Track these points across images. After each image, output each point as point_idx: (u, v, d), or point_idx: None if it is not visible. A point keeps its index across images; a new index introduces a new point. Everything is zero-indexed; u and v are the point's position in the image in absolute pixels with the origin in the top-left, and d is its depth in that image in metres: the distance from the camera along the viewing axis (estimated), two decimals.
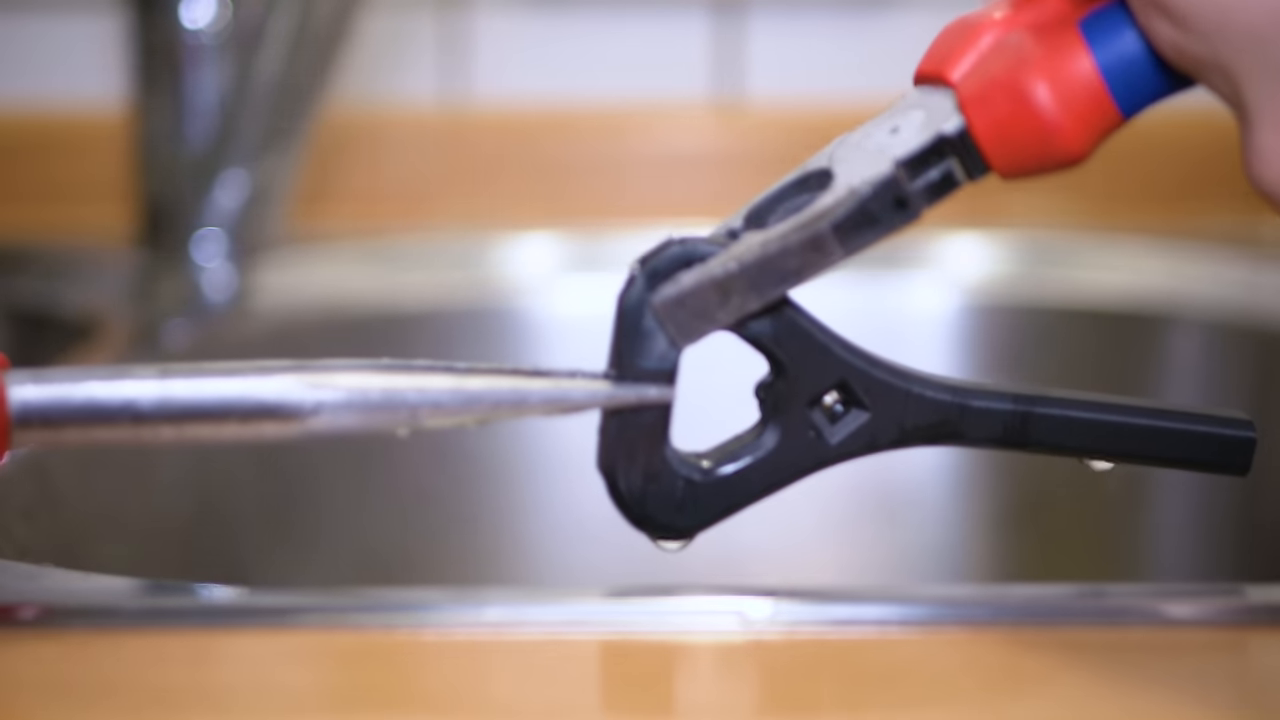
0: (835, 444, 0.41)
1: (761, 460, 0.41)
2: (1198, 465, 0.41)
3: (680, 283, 0.39)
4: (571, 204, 0.92)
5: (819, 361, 0.40)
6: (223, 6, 0.77)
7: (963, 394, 0.41)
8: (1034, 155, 0.38)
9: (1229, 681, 0.39)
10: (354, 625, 0.40)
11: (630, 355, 0.40)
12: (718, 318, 0.39)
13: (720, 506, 0.41)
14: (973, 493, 0.79)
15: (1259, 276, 0.79)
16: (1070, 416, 0.41)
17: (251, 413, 0.38)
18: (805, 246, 0.38)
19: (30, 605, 0.41)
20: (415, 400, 0.39)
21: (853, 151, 0.40)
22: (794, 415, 0.41)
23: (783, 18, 0.95)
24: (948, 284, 0.82)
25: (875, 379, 0.41)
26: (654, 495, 0.41)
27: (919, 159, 0.38)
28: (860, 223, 0.38)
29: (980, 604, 0.41)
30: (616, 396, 0.40)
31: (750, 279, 0.39)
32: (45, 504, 0.59)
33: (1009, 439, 0.41)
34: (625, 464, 0.41)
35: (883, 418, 0.41)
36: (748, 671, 0.39)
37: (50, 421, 0.38)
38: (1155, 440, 0.41)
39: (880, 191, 0.38)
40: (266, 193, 0.79)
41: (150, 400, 0.38)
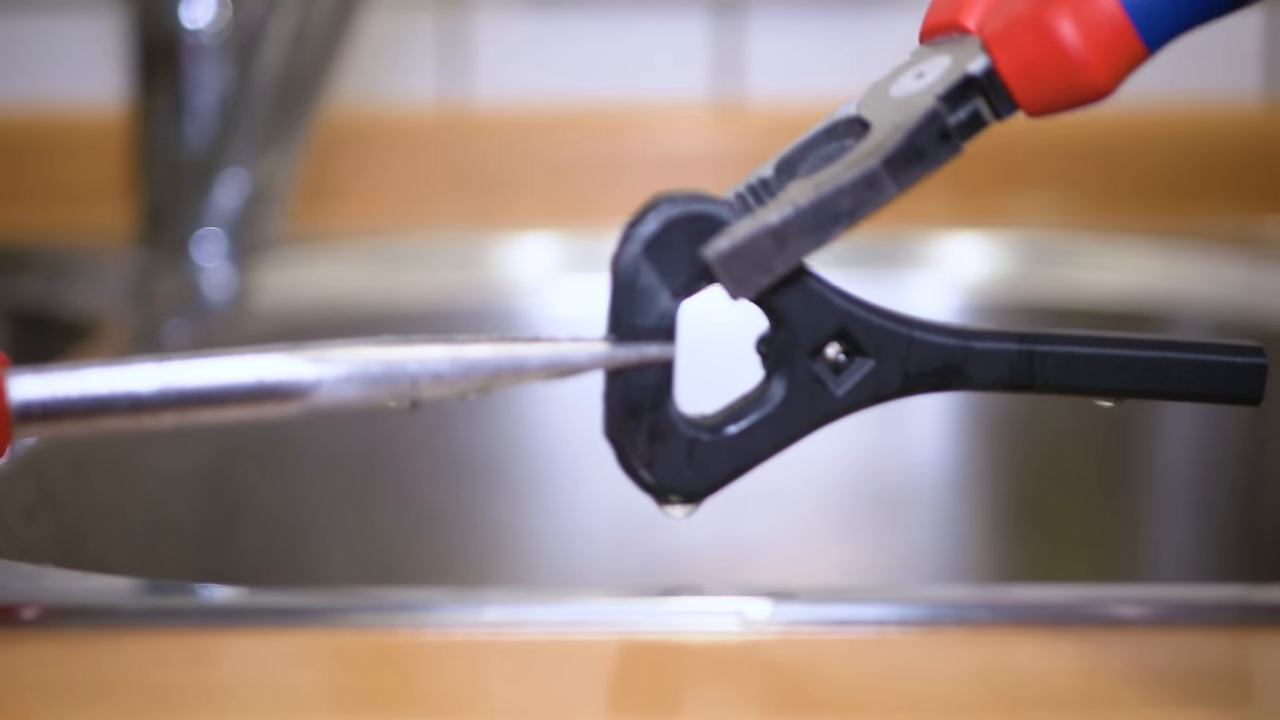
0: (841, 395, 0.40)
1: (768, 416, 0.41)
2: (1209, 396, 0.41)
3: (735, 235, 0.39)
4: (571, 204, 0.92)
5: (817, 310, 0.40)
6: (223, 6, 0.77)
7: (966, 336, 0.41)
8: (1061, 92, 0.38)
9: (1229, 681, 0.39)
10: (354, 625, 0.40)
11: (628, 315, 0.40)
12: (774, 266, 0.39)
13: (729, 467, 0.41)
14: (973, 493, 0.79)
15: (1259, 276, 0.79)
16: (1077, 353, 0.40)
17: (253, 393, 0.38)
18: (859, 185, 0.38)
19: (30, 605, 0.41)
20: (416, 371, 0.39)
21: (881, 98, 0.40)
22: (797, 368, 0.40)
23: (782, 18, 0.95)
24: (948, 284, 0.82)
25: (876, 325, 0.40)
26: (661, 457, 0.40)
27: (955, 94, 0.39)
28: (910, 157, 0.38)
29: (980, 604, 0.41)
30: (616, 356, 0.40)
31: (806, 223, 0.38)
32: (45, 504, 0.59)
33: (1016, 380, 0.40)
34: (631, 428, 0.40)
35: (887, 365, 0.40)
36: (748, 671, 0.39)
37: (51, 414, 0.38)
38: (1164, 372, 0.40)
39: (925, 125, 0.38)
40: (266, 193, 0.79)
41: (150, 388, 0.38)
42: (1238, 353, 0.41)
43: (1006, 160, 0.92)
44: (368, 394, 0.39)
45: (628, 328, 0.40)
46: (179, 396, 0.38)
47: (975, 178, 0.92)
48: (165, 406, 0.38)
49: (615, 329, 0.40)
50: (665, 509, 0.42)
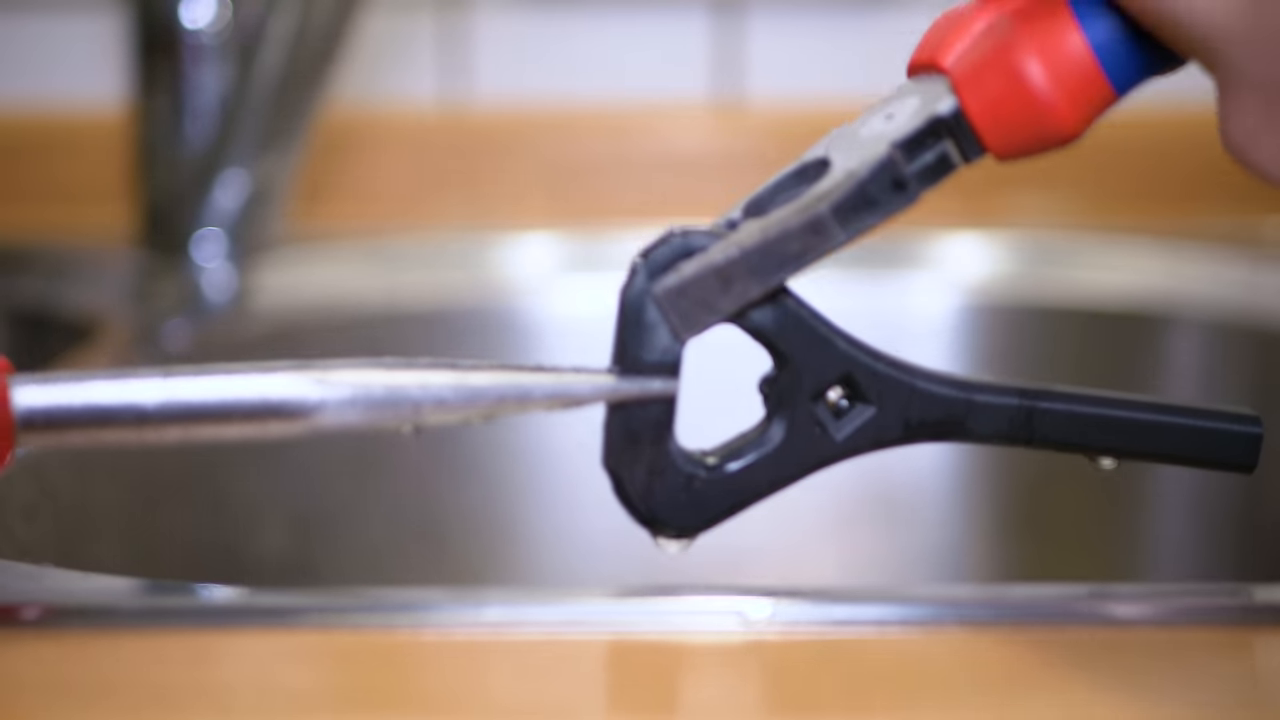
0: (841, 440, 0.41)
1: (767, 456, 0.41)
2: (1204, 462, 0.41)
3: (682, 272, 0.39)
4: (571, 204, 0.92)
5: (822, 354, 0.40)
6: (223, 6, 0.77)
7: (968, 389, 0.41)
8: (1028, 134, 0.38)
9: (1230, 681, 0.39)
10: (354, 625, 0.40)
11: (633, 349, 0.40)
12: (720, 306, 0.39)
13: (726, 504, 0.41)
14: (973, 493, 0.79)
15: (1259, 276, 0.79)
16: (1076, 412, 0.41)
17: (256, 411, 0.38)
18: (805, 230, 0.38)
19: (30, 605, 0.41)
20: (419, 396, 0.39)
21: (849, 140, 0.40)
22: (799, 411, 0.41)
23: (783, 18, 0.95)
24: (948, 284, 0.82)
25: (879, 373, 0.40)
26: (659, 492, 0.40)
27: (914, 141, 0.38)
28: (859, 205, 0.38)
29: (980, 604, 0.41)
30: (619, 390, 0.40)
31: (751, 265, 0.39)
32: (45, 504, 0.59)
33: (1014, 435, 0.41)
34: (629, 460, 0.40)
35: (888, 413, 0.40)
36: (748, 671, 0.39)
37: (54, 424, 0.38)
38: (1161, 436, 0.41)
39: (878, 173, 0.38)
40: (266, 193, 0.79)
41: (155, 401, 0.38)
42: (1235, 420, 0.41)
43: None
44: (371, 418, 0.39)
45: (632, 361, 0.40)
46: (183, 412, 0.38)
47: (975, 178, 0.92)
48: (169, 421, 0.38)
49: (619, 362, 0.40)
50: (660, 543, 0.42)
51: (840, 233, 0.38)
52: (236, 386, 0.38)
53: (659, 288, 0.39)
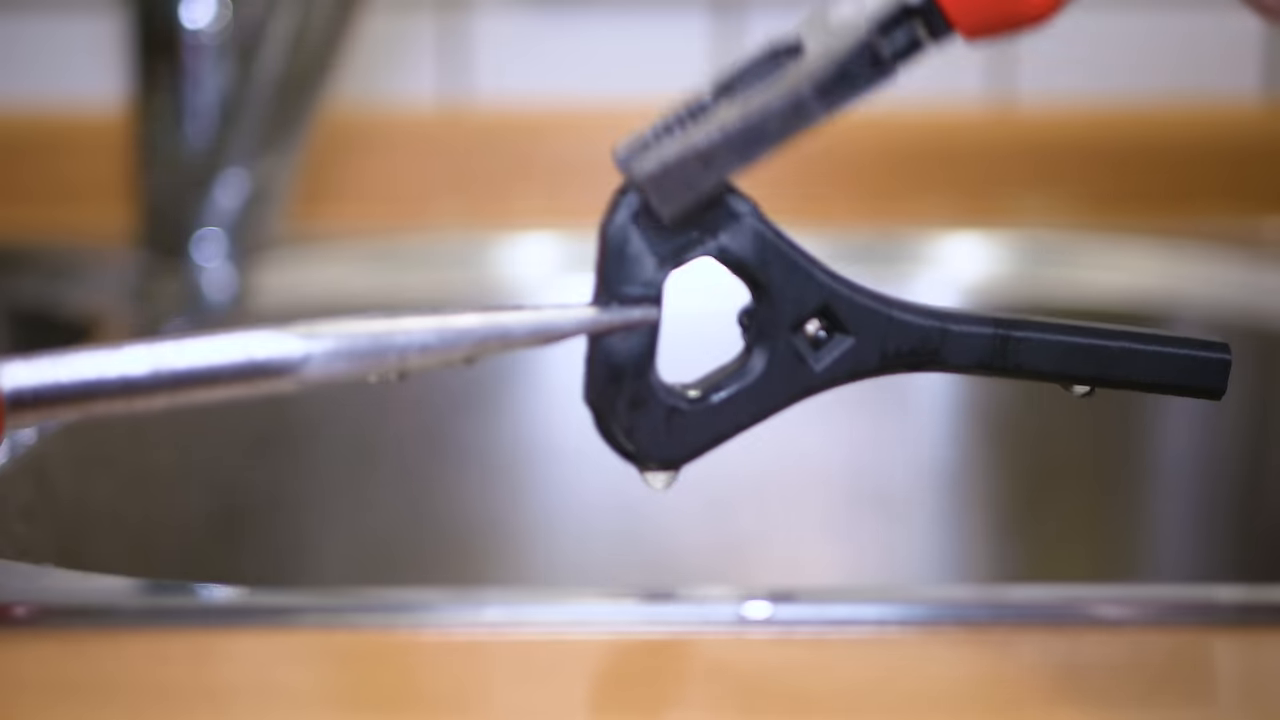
0: (820, 370, 0.41)
1: (748, 388, 0.41)
2: (1175, 388, 0.42)
3: (662, 155, 0.40)
4: (572, 204, 0.92)
5: (801, 285, 0.40)
6: (223, 6, 0.77)
7: (944, 318, 0.41)
8: (996, 13, 0.38)
9: (1229, 681, 0.39)
10: (354, 625, 0.40)
11: (615, 281, 0.40)
12: (701, 186, 0.39)
13: (708, 436, 0.41)
14: (973, 493, 0.79)
15: (1259, 276, 0.79)
16: (1050, 340, 0.41)
17: (243, 370, 0.38)
18: (787, 108, 0.39)
19: (30, 605, 0.41)
20: (403, 342, 0.39)
21: (820, 25, 0.40)
22: (778, 342, 0.41)
23: (783, 18, 0.95)
24: (948, 284, 0.82)
25: (857, 303, 0.41)
26: (640, 424, 0.41)
27: (889, 20, 0.39)
28: (839, 81, 0.39)
29: (980, 604, 0.41)
30: (601, 320, 0.40)
31: (733, 145, 0.39)
32: (45, 504, 0.59)
33: (989, 363, 0.41)
34: (611, 393, 0.40)
35: (865, 342, 0.41)
36: (747, 671, 0.39)
37: (44, 401, 0.38)
38: (1134, 363, 0.41)
39: (856, 50, 0.39)
40: (266, 193, 0.79)
41: (142, 370, 0.38)
42: (1204, 348, 0.42)
43: (1007, 160, 0.92)
44: (356, 367, 0.39)
45: (614, 294, 0.40)
46: (170, 377, 0.38)
47: (975, 178, 0.92)
48: (157, 388, 0.38)
49: (601, 295, 0.40)
50: (645, 476, 0.42)
51: (820, 109, 0.39)
52: (221, 348, 0.38)
53: (640, 171, 0.39)
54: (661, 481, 0.42)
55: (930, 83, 0.94)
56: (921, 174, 0.92)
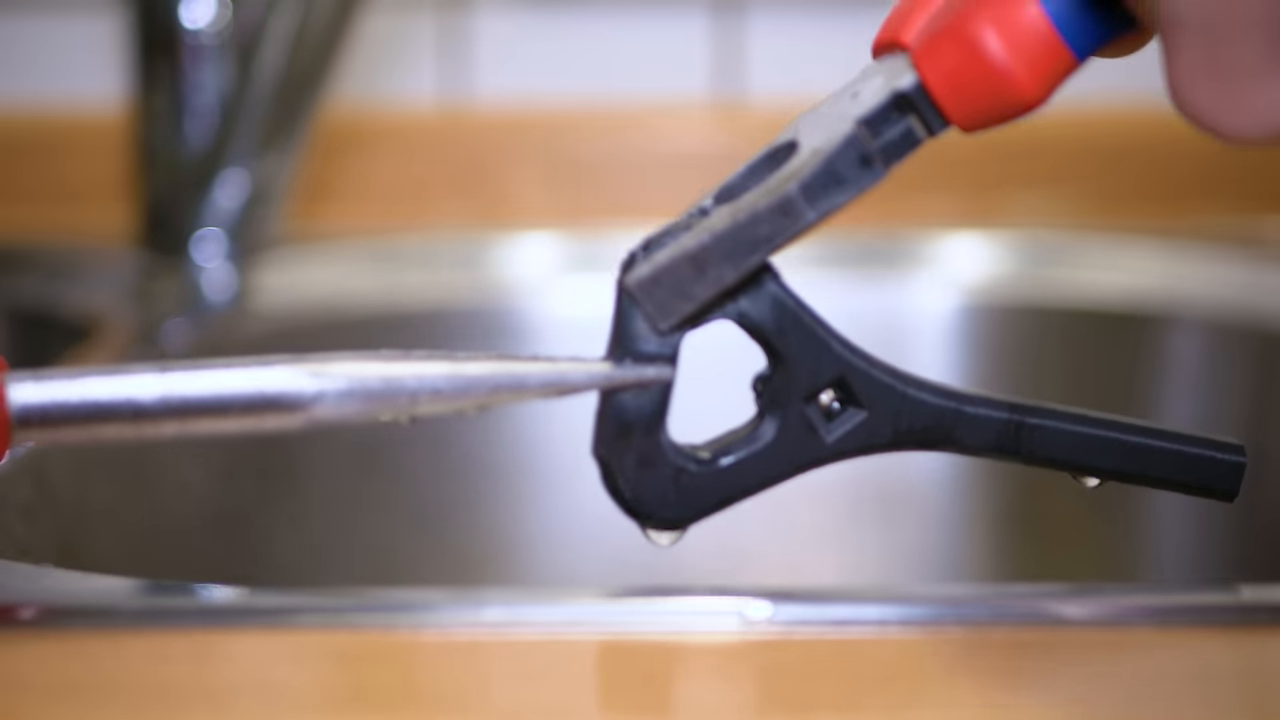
0: (831, 442, 0.41)
1: (757, 454, 0.41)
2: (1187, 488, 0.41)
3: (654, 261, 0.39)
4: (572, 204, 0.92)
5: (818, 356, 0.40)
6: (223, 6, 0.77)
7: (959, 400, 0.41)
8: (989, 104, 0.38)
9: (1229, 681, 0.39)
10: (354, 625, 0.40)
11: (629, 338, 0.40)
12: (695, 293, 0.39)
13: (714, 499, 0.41)
14: (972, 493, 0.79)
15: (1259, 276, 0.79)
16: (1063, 429, 0.41)
17: (254, 404, 0.38)
18: (775, 211, 0.38)
19: (30, 605, 0.41)
20: (415, 387, 0.39)
21: (816, 121, 0.40)
22: (791, 410, 0.41)
23: (783, 18, 0.95)
24: (948, 284, 0.82)
25: (873, 378, 0.40)
26: (648, 483, 0.40)
27: (878, 117, 0.38)
28: (827, 183, 0.38)
29: (980, 604, 0.41)
30: (614, 377, 0.40)
31: (723, 249, 0.39)
32: (45, 504, 0.59)
33: (1002, 448, 0.41)
34: (620, 450, 0.40)
35: (878, 418, 0.40)
36: (748, 671, 0.39)
37: (51, 420, 0.38)
38: (1147, 460, 0.41)
39: (844, 150, 0.38)
40: (266, 193, 0.79)
41: (151, 396, 0.38)
42: (1220, 449, 0.41)
43: (1006, 160, 0.92)
44: (367, 409, 0.39)
45: (629, 351, 0.40)
46: (180, 406, 0.38)
47: (975, 178, 0.92)
48: (166, 415, 0.38)
49: (616, 350, 0.40)
50: (649, 534, 0.42)
51: (810, 212, 0.38)
52: (233, 380, 0.38)
53: (631, 278, 0.39)
54: (666, 540, 0.41)
55: None
56: (921, 174, 0.92)
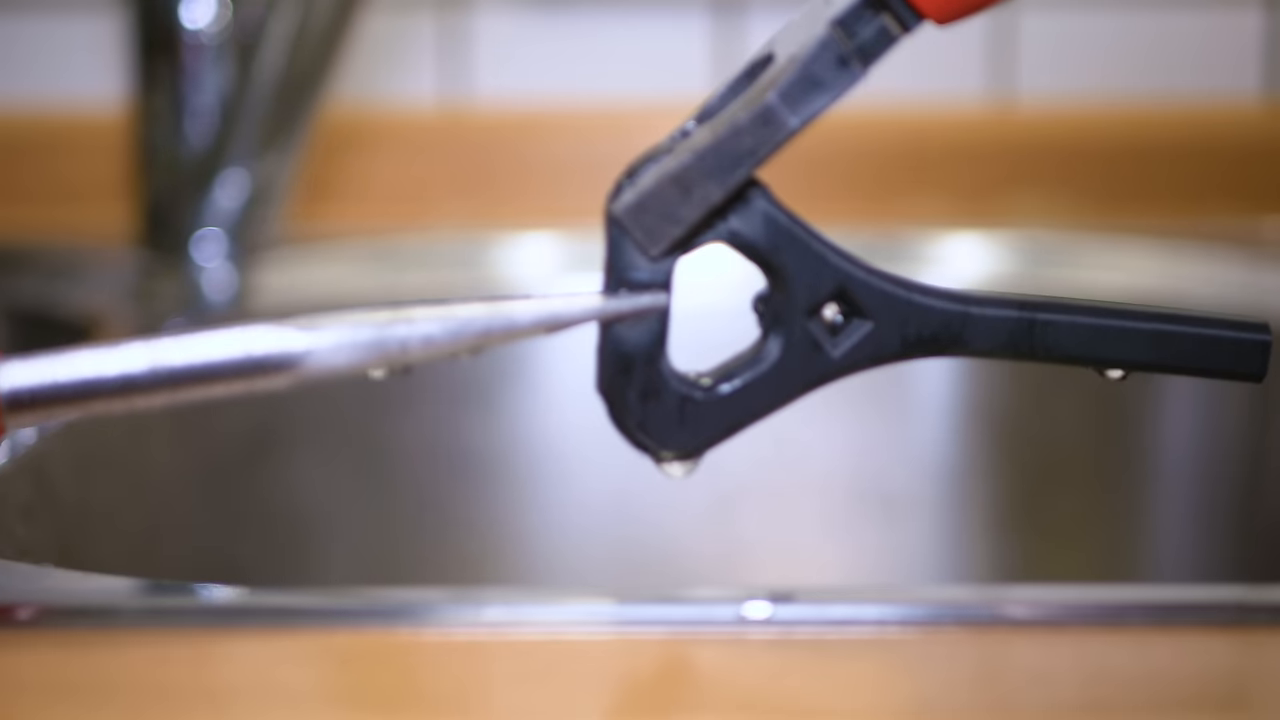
0: (838, 356, 0.40)
1: (763, 376, 0.40)
2: (1211, 371, 0.40)
3: (639, 186, 0.39)
4: (572, 204, 0.92)
5: (816, 269, 0.39)
6: (223, 6, 0.77)
7: (965, 302, 0.40)
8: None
9: (1229, 681, 0.39)
10: (354, 625, 0.40)
11: (622, 269, 0.39)
12: (683, 215, 0.38)
13: (723, 425, 0.40)
14: (973, 492, 0.79)
15: (1259, 276, 0.79)
16: (1078, 323, 0.39)
17: (244, 366, 0.37)
18: (756, 121, 0.38)
19: (30, 605, 0.41)
20: (405, 334, 0.38)
21: (792, 33, 0.39)
22: (794, 328, 0.40)
23: (782, 18, 0.95)
24: (947, 284, 0.82)
25: (875, 286, 0.40)
26: (653, 413, 0.40)
27: (851, 16, 0.38)
28: (806, 87, 0.37)
29: (980, 604, 0.41)
30: (608, 308, 0.39)
31: (707, 167, 0.38)
32: (45, 504, 0.59)
33: (1015, 347, 0.40)
34: (622, 382, 0.40)
35: (885, 327, 0.40)
36: (748, 671, 0.39)
37: (41, 400, 0.38)
38: (1167, 345, 0.39)
39: (820, 53, 0.38)
40: (266, 193, 0.79)
41: (142, 368, 0.37)
42: (1242, 329, 0.40)
43: (1007, 160, 0.92)
44: (358, 360, 0.38)
45: (623, 281, 0.39)
46: (169, 375, 0.37)
47: (975, 178, 0.92)
48: (156, 386, 0.37)
49: (610, 283, 0.39)
50: (663, 467, 0.41)
51: (791, 118, 0.38)
52: (221, 343, 0.38)
53: (618, 206, 0.39)
54: (679, 471, 0.41)
55: (930, 82, 0.94)
56: (921, 174, 0.92)
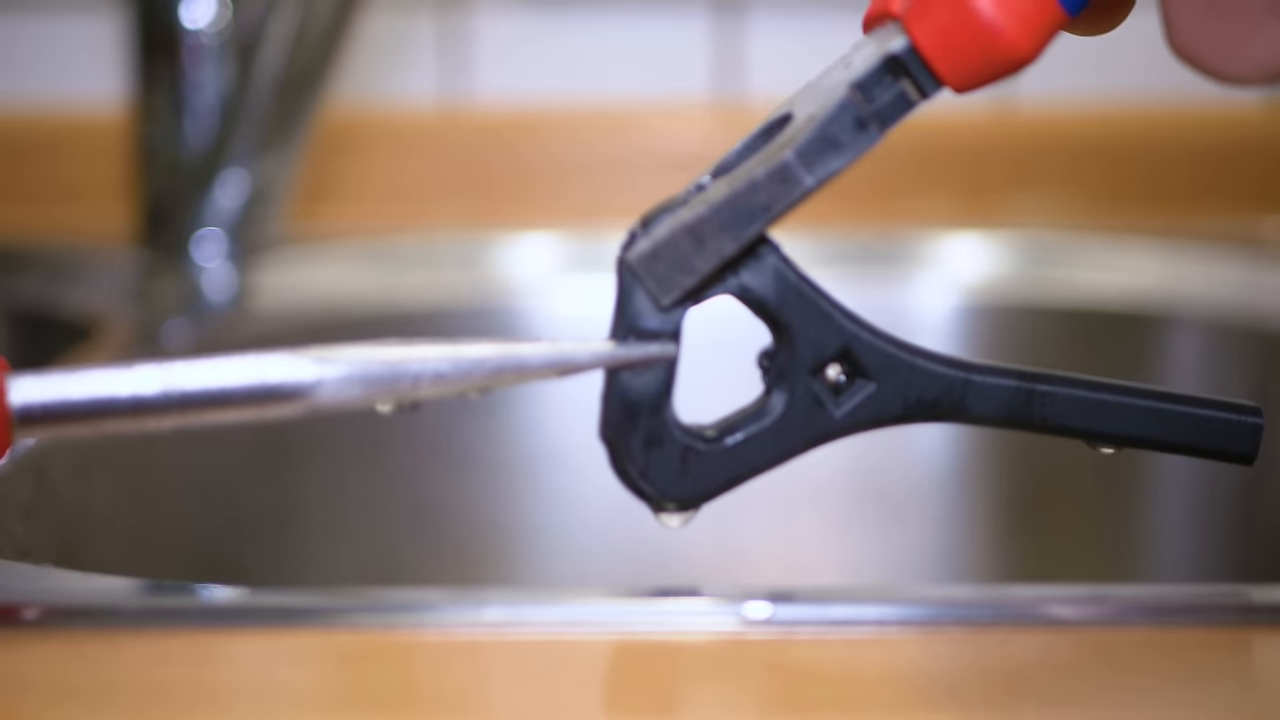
0: (840, 416, 0.40)
1: (766, 430, 0.40)
2: (1203, 451, 0.41)
3: (653, 235, 0.39)
4: (571, 204, 0.92)
5: (822, 328, 0.40)
6: (223, 6, 0.77)
7: (966, 369, 0.40)
8: (981, 62, 0.38)
9: (1230, 681, 0.39)
10: (354, 625, 0.40)
11: (632, 317, 0.40)
12: (696, 266, 0.39)
13: (723, 477, 0.40)
14: (973, 493, 0.79)
15: (1259, 276, 0.79)
16: (1075, 396, 0.40)
17: (255, 393, 0.38)
18: (772, 178, 0.38)
19: (31, 605, 0.41)
20: (417, 370, 0.39)
21: (810, 94, 0.40)
22: (797, 385, 0.40)
23: (783, 18, 0.95)
24: (948, 284, 0.82)
25: (879, 349, 0.40)
26: (655, 463, 0.40)
27: (871, 80, 0.38)
28: (823, 148, 0.38)
29: (980, 604, 0.41)
30: (617, 355, 0.40)
31: (722, 220, 0.38)
32: (45, 504, 0.59)
33: (1013, 417, 0.40)
34: (627, 431, 0.40)
35: (887, 390, 0.40)
36: (748, 671, 0.39)
37: (52, 418, 0.38)
38: (1162, 424, 0.41)
39: (838, 114, 0.38)
40: (266, 193, 0.79)
41: (154, 391, 0.38)
42: (1236, 410, 0.41)
43: (1007, 160, 0.92)
44: (369, 394, 0.39)
45: (632, 329, 0.40)
46: (181, 399, 0.38)
47: (975, 178, 0.92)
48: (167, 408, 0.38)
49: (618, 330, 0.40)
50: (660, 517, 0.41)
51: (808, 177, 0.38)
52: (233, 370, 0.38)
53: (632, 254, 0.39)
54: (676, 521, 0.41)
55: None
56: (921, 174, 0.92)
